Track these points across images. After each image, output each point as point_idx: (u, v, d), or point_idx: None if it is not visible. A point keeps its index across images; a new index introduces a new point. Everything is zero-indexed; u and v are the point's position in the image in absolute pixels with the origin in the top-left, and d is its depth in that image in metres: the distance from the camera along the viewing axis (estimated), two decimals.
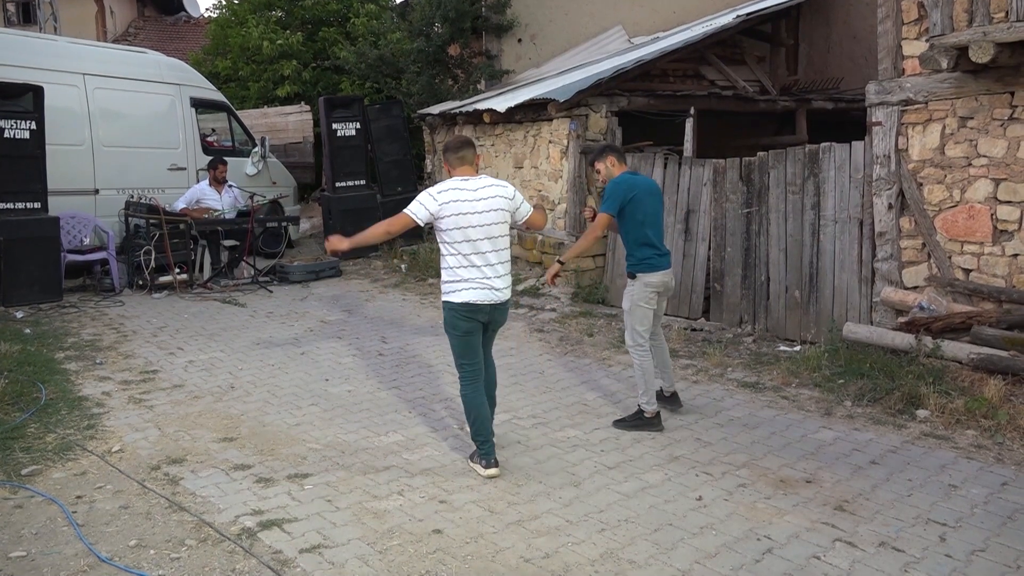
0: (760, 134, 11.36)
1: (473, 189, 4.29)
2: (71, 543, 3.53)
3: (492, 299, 4.30)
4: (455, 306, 4.29)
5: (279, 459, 4.47)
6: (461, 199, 4.25)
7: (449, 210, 4.22)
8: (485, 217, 4.27)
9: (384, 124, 12.07)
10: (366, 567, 3.34)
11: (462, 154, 4.38)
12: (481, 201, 4.27)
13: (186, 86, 11.00)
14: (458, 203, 4.23)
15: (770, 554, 3.44)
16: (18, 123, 8.34)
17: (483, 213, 4.26)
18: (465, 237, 4.24)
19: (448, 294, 4.32)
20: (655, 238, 4.99)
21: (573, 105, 8.74)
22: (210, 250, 9.73)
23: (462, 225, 4.23)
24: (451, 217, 4.22)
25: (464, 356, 4.38)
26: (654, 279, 4.96)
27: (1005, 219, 5.57)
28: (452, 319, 4.33)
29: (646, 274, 4.96)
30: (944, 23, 5.56)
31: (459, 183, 4.31)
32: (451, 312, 4.32)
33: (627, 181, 5.03)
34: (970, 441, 4.68)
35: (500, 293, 4.33)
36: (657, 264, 4.97)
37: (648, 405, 4.97)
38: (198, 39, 20.01)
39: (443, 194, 4.25)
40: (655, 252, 4.98)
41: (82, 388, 5.70)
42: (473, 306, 4.27)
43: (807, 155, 6.96)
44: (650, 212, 4.99)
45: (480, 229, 4.25)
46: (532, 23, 12.62)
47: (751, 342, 6.99)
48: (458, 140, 4.49)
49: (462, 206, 4.23)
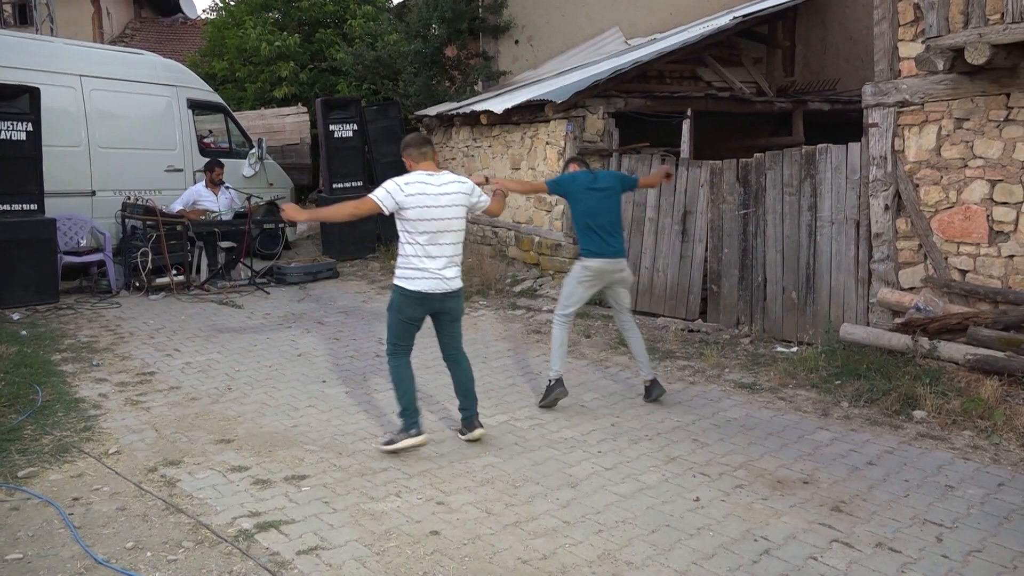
0: (757, 135, 11.38)
1: (437, 184, 4.49)
2: (68, 545, 3.52)
3: (443, 288, 4.53)
4: (407, 292, 4.49)
5: (276, 460, 4.47)
6: (426, 192, 4.43)
7: (414, 202, 4.40)
8: (446, 211, 4.48)
9: (381, 125, 12.08)
10: (363, 568, 3.33)
11: (424, 150, 4.57)
12: (444, 196, 4.48)
13: (183, 87, 10.99)
14: (423, 195, 4.42)
15: (767, 555, 3.44)
16: (14, 124, 8.32)
17: (445, 207, 4.47)
18: (426, 229, 4.43)
19: (401, 280, 4.51)
20: (597, 228, 5.35)
21: (570, 106, 8.74)
22: (207, 251, 9.73)
23: (424, 217, 4.42)
24: (415, 208, 4.40)
25: (400, 338, 4.60)
26: (592, 264, 5.35)
27: (1001, 220, 5.59)
28: (400, 303, 4.54)
29: (587, 259, 5.38)
30: (940, 24, 5.58)
31: (425, 177, 4.49)
32: (401, 297, 4.52)
33: (572, 175, 5.54)
34: (967, 442, 4.69)
35: (450, 283, 4.55)
36: (597, 251, 5.34)
37: (553, 370, 5.37)
38: (195, 40, 20.00)
39: (410, 186, 4.43)
40: (598, 240, 5.34)
41: (79, 390, 5.69)
42: (425, 295, 4.49)
43: (804, 156, 6.98)
44: (593, 208, 5.38)
45: (441, 222, 4.47)
46: (529, 24, 12.63)
47: (748, 343, 6.99)
48: (419, 137, 4.68)
49: (427, 199, 4.42)
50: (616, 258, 5.39)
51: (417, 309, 4.54)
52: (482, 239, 10.79)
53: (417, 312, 4.55)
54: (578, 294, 5.43)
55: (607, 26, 12.66)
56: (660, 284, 8.26)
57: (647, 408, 5.36)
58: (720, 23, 10.11)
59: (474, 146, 11.02)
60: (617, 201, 5.52)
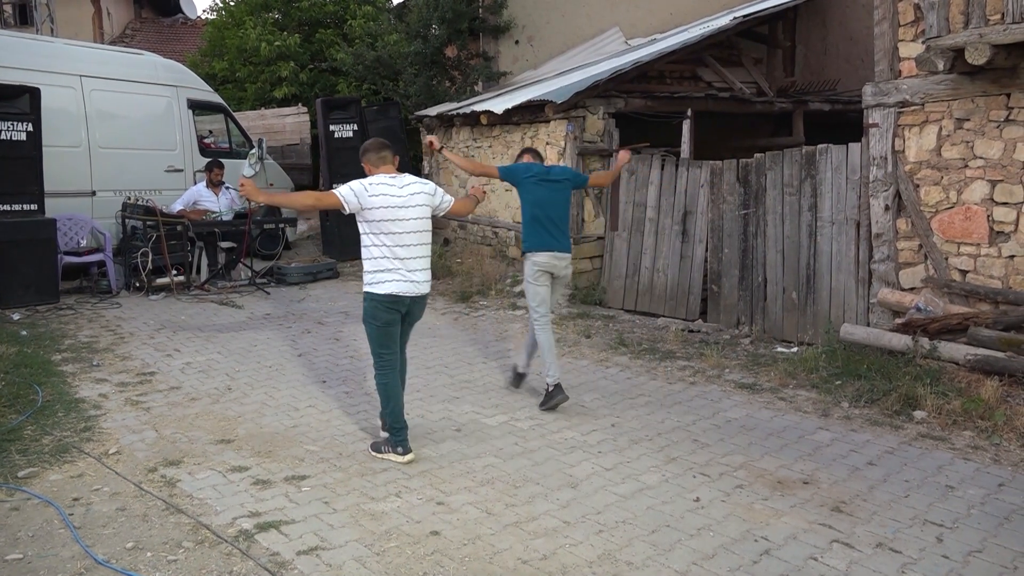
0: (757, 136, 11.38)
1: (400, 186, 4.51)
2: (68, 545, 3.52)
3: (413, 291, 4.50)
4: (379, 297, 4.46)
5: (276, 461, 4.46)
6: (390, 194, 4.44)
7: (378, 203, 4.40)
8: (411, 212, 4.48)
9: (381, 126, 12.07)
10: (363, 569, 3.33)
11: (383, 154, 4.60)
12: (408, 197, 4.50)
13: (183, 87, 10.99)
14: (387, 197, 4.43)
15: (767, 555, 3.44)
16: (14, 124, 8.33)
17: (409, 208, 4.48)
18: (391, 230, 4.44)
19: (371, 285, 4.48)
20: (545, 221, 5.39)
21: (570, 107, 8.74)
22: (207, 252, 9.73)
23: (388, 218, 4.42)
24: (379, 210, 4.40)
25: (383, 346, 4.56)
26: (539, 258, 5.38)
27: (1001, 220, 5.59)
28: (373, 310, 4.50)
29: (533, 253, 5.41)
30: (940, 25, 5.58)
31: (388, 179, 4.50)
32: (373, 303, 4.49)
33: (526, 165, 5.56)
34: (967, 442, 4.69)
35: (420, 286, 4.54)
36: (543, 245, 5.38)
37: (547, 377, 5.34)
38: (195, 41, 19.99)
39: (374, 187, 4.43)
40: (544, 232, 5.39)
41: (79, 390, 5.69)
42: (396, 297, 4.47)
43: (804, 157, 6.98)
44: (541, 199, 5.41)
45: (406, 223, 4.47)
46: (529, 25, 12.63)
47: (748, 343, 6.99)
48: (377, 142, 4.70)
49: (391, 200, 4.43)
50: (562, 252, 5.43)
51: (391, 312, 4.50)
52: (482, 239, 10.79)
53: (392, 316, 4.51)
54: (540, 292, 5.44)
55: (607, 26, 12.66)
56: (660, 284, 8.26)
57: (648, 408, 5.36)
58: (720, 23, 10.11)
59: (474, 146, 11.02)
60: (567, 196, 5.56)
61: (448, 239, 11.57)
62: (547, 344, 5.36)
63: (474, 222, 11.01)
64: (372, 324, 4.54)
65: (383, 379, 4.55)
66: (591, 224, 8.95)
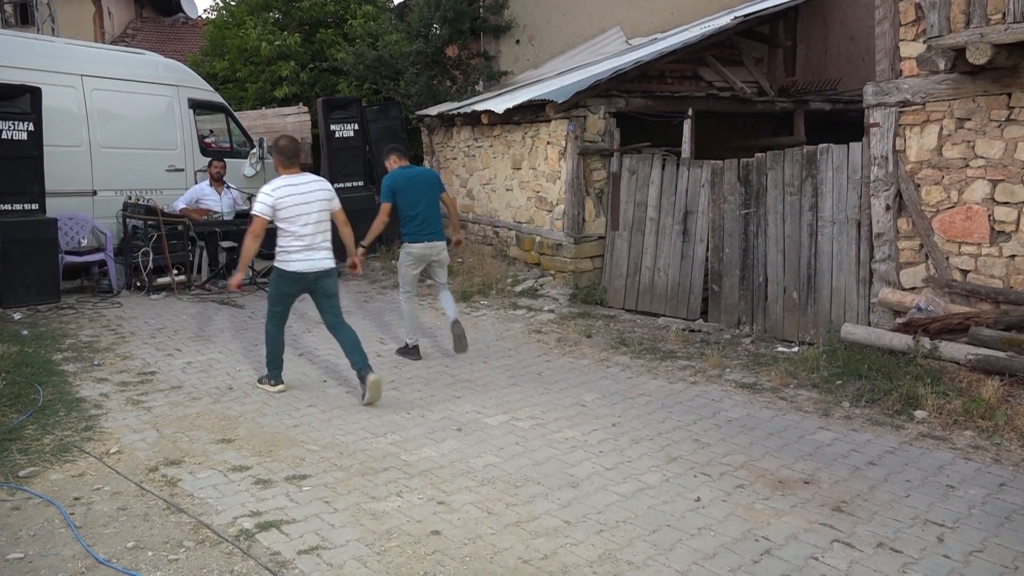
0: (758, 135, 11.38)
1: (300, 184, 5.50)
2: (69, 545, 3.52)
3: (315, 268, 5.51)
4: (286, 273, 5.52)
5: (277, 460, 4.47)
6: (293, 192, 5.43)
7: (284, 203, 5.39)
8: (311, 207, 5.46)
9: (382, 125, 12.07)
10: (364, 568, 3.33)
11: (292, 158, 5.56)
12: (308, 193, 5.48)
13: (184, 87, 10.99)
14: (291, 196, 5.42)
15: (768, 555, 3.44)
16: (16, 124, 8.32)
17: (309, 203, 5.46)
18: (296, 222, 5.40)
19: (281, 263, 5.52)
20: (420, 216, 6.37)
21: (571, 106, 8.74)
22: (208, 251, 9.73)
23: (294, 213, 5.40)
24: (286, 208, 5.39)
25: (277, 305, 5.68)
26: (415, 248, 6.43)
27: (1002, 220, 5.58)
28: (280, 280, 5.57)
29: (410, 244, 6.44)
30: (941, 24, 5.58)
31: (288, 180, 5.48)
32: (281, 276, 5.55)
33: (393, 175, 6.49)
34: (968, 442, 4.69)
35: (320, 263, 5.51)
36: (417, 237, 6.39)
37: (408, 338, 6.64)
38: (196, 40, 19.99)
39: (277, 191, 5.41)
40: (417, 226, 6.38)
41: (80, 389, 5.69)
42: (300, 274, 5.50)
43: (805, 156, 6.97)
44: (415, 196, 6.37)
45: (307, 216, 5.44)
46: (530, 24, 12.62)
47: (749, 343, 6.99)
48: (291, 146, 5.60)
49: (295, 199, 5.42)
50: (434, 242, 6.44)
51: (293, 286, 5.56)
52: (483, 239, 10.79)
53: (292, 288, 5.58)
54: (409, 276, 6.51)
55: (608, 26, 12.66)
56: (661, 284, 8.26)
57: (648, 408, 5.36)
58: (721, 23, 10.11)
59: (475, 146, 11.02)
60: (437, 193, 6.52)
61: (449, 239, 11.56)
62: (409, 313, 6.57)
63: (475, 222, 11.02)
64: (276, 290, 5.61)
65: (270, 328, 5.71)
66: (592, 224, 8.95)
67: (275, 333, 5.72)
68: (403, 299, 6.62)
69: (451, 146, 11.79)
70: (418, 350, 6.61)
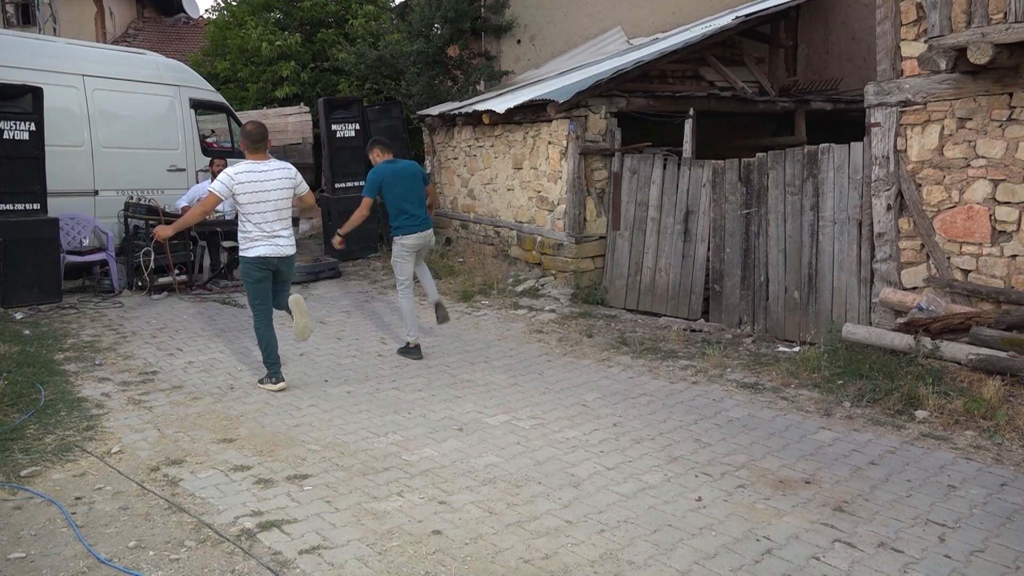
0: (759, 135, 11.37)
1: (263, 170, 5.57)
2: (70, 544, 3.53)
3: (278, 253, 5.63)
4: (250, 260, 5.59)
5: (278, 460, 4.47)
6: (255, 179, 5.50)
7: (244, 188, 5.46)
8: (270, 194, 5.55)
9: (383, 125, 12.08)
10: (365, 568, 3.34)
11: (257, 145, 5.63)
12: (270, 181, 5.56)
13: (185, 87, 11.01)
14: (252, 182, 5.49)
15: (769, 555, 3.44)
16: (17, 124, 8.33)
17: (271, 190, 5.56)
18: (257, 208, 5.50)
19: (245, 250, 5.60)
20: (409, 208, 6.50)
21: (572, 106, 8.74)
22: (209, 251, 9.74)
23: (255, 200, 5.50)
24: (247, 194, 5.48)
25: (257, 299, 5.69)
26: (408, 240, 6.54)
27: (1003, 220, 5.58)
28: (248, 270, 5.64)
29: (402, 236, 6.54)
30: (942, 24, 5.57)
31: (252, 166, 5.56)
32: (247, 264, 5.62)
33: (379, 170, 6.62)
34: (969, 442, 4.69)
35: (284, 248, 5.66)
36: (410, 229, 6.52)
37: (409, 337, 6.63)
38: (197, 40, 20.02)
39: (239, 175, 5.49)
40: (408, 219, 6.51)
41: (81, 389, 5.70)
42: (264, 259, 5.59)
43: (806, 156, 6.97)
44: (403, 189, 6.52)
45: (269, 203, 5.54)
46: (531, 24, 12.62)
47: (750, 343, 6.99)
48: (256, 131, 5.67)
49: (255, 185, 5.49)
50: (425, 230, 6.61)
51: (261, 271, 5.62)
52: (484, 239, 10.80)
53: (262, 273, 5.63)
54: (406, 269, 6.60)
55: (609, 26, 12.66)
56: (662, 284, 8.26)
57: (649, 408, 5.36)
58: (722, 23, 10.10)
59: (476, 146, 11.02)
60: (420, 184, 6.67)
61: (450, 238, 11.58)
62: (408, 309, 6.61)
63: (476, 221, 11.02)
64: (247, 281, 5.67)
65: (258, 326, 5.74)
66: (593, 223, 8.95)
67: (264, 330, 5.75)
68: (401, 295, 6.65)
69: (452, 146, 11.80)
70: (419, 349, 6.60)
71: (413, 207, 6.54)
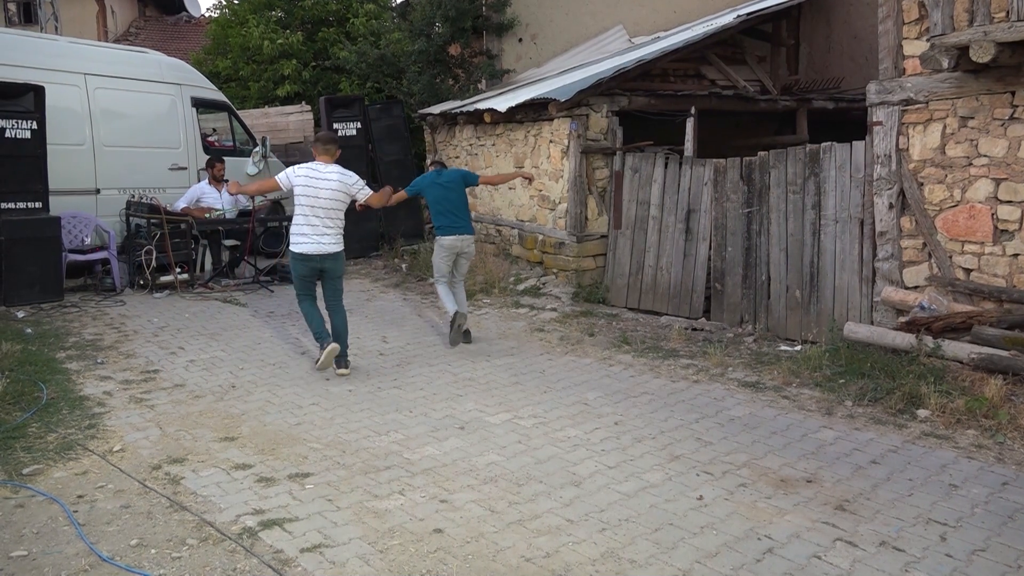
0: (761, 134, 11.36)
1: (322, 171, 5.96)
2: (72, 542, 3.53)
3: (321, 251, 5.95)
4: (295, 255, 5.98)
5: (280, 459, 4.47)
6: (312, 176, 5.91)
7: (299, 182, 5.89)
8: (321, 192, 5.90)
9: (385, 124, 12.07)
10: (367, 566, 3.34)
11: (326, 147, 6.08)
12: (325, 181, 5.92)
13: (187, 86, 11.00)
14: (308, 179, 5.89)
15: (771, 553, 3.44)
16: (19, 123, 8.34)
17: (324, 190, 5.90)
18: (306, 203, 5.88)
19: (292, 245, 5.98)
20: (447, 213, 6.93)
21: (574, 105, 8.74)
22: (211, 250, 9.74)
23: (306, 194, 5.88)
24: (300, 187, 5.88)
25: (301, 289, 6.15)
26: (446, 241, 6.94)
27: (1006, 219, 5.58)
28: (293, 264, 6.06)
29: (441, 237, 6.96)
30: (945, 23, 5.56)
31: (314, 166, 5.97)
32: (293, 258, 6.03)
33: (423, 178, 7.21)
34: (971, 441, 4.68)
35: (327, 247, 5.96)
36: (448, 231, 6.93)
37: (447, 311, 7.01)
38: (199, 39, 20.02)
39: (300, 169, 5.97)
40: (447, 223, 6.92)
41: (83, 388, 5.71)
42: (307, 255, 5.94)
43: (808, 155, 6.97)
44: (439, 197, 6.95)
45: (317, 199, 5.89)
46: (533, 23, 12.62)
47: (752, 342, 6.99)
48: (328, 136, 6.28)
49: (311, 182, 5.89)
50: (463, 234, 6.94)
51: (303, 267, 5.97)
52: (486, 237, 10.80)
53: (303, 270, 5.99)
54: (443, 267, 6.99)
55: (611, 24, 12.65)
56: (664, 283, 8.25)
57: (651, 407, 5.36)
58: (724, 21, 10.09)
59: (478, 144, 11.02)
60: (460, 191, 7.01)
61: None
62: (444, 292, 7.00)
63: (478, 220, 11.02)
64: (294, 273, 6.09)
65: (303, 307, 6.16)
66: (594, 222, 8.95)
67: (308, 309, 6.13)
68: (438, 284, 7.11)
69: (454, 145, 11.80)
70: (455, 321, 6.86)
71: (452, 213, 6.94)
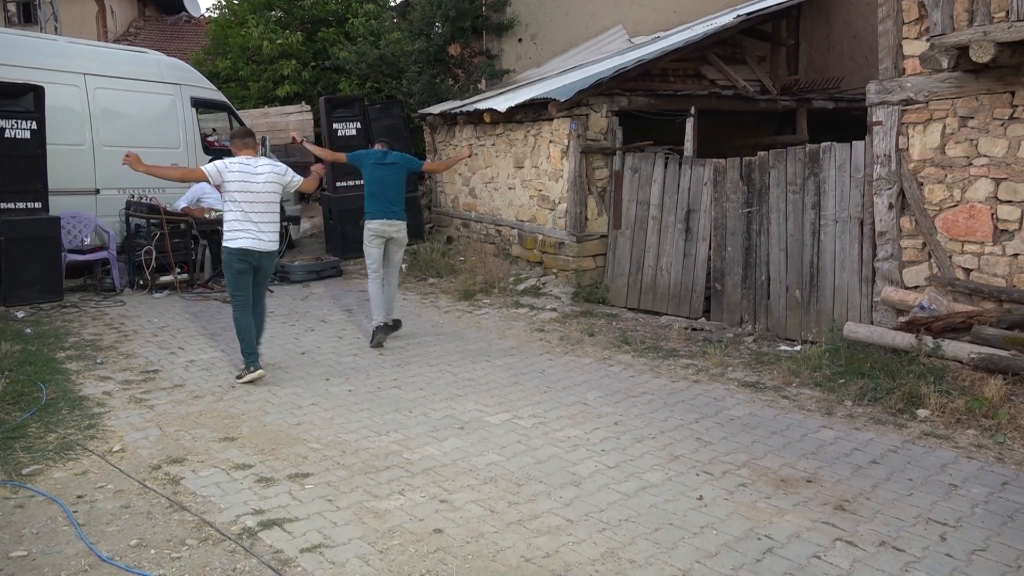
0: (761, 134, 11.36)
1: (254, 165, 5.83)
2: (72, 543, 3.53)
3: (260, 247, 5.80)
4: (232, 250, 5.77)
5: (280, 459, 4.47)
6: (245, 171, 5.77)
7: (233, 177, 5.73)
8: (259, 187, 5.78)
9: (385, 124, 12.07)
10: (367, 566, 3.34)
11: (245, 141, 5.97)
12: (258, 175, 5.80)
13: (187, 86, 11.00)
14: (242, 174, 5.75)
15: (771, 553, 3.44)
16: (19, 123, 8.34)
17: (258, 184, 5.78)
18: (240, 197, 5.73)
19: (228, 241, 5.79)
20: (379, 198, 6.86)
21: (574, 105, 8.74)
22: (211, 250, 9.74)
23: (242, 190, 5.73)
24: (234, 183, 5.73)
25: (237, 290, 5.86)
26: (372, 225, 6.86)
27: (1005, 219, 5.57)
28: (229, 260, 5.81)
29: (368, 220, 6.88)
30: (945, 23, 5.56)
31: (244, 160, 5.84)
32: (229, 255, 5.80)
33: (369, 152, 7.12)
34: (970, 441, 4.68)
35: (266, 244, 5.83)
36: (376, 215, 6.85)
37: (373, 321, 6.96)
38: (198, 39, 20.02)
39: (231, 165, 5.78)
40: (376, 206, 6.85)
41: (83, 388, 5.71)
42: (246, 251, 5.76)
43: (808, 155, 6.97)
44: (377, 178, 6.89)
45: (255, 195, 5.76)
46: (532, 22, 12.62)
47: (752, 342, 6.99)
48: (243, 131, 6.15)
49: (244, 176, 5.75)
50: (392, 219, 6.87)
51: (242, 263, 5.77)
52: (485, 237, 10.80)
53: (243, 265, 5.78)
54: (373, 253, 6.90)
55: (611, 24, 12.65)
56: (663, 282, 8.25)
57: (651, 407, 5.36)
58: (724, 21, 10.09)
59: (477, 144, 11.02)
60: (400, 176, 6.98)
61: (451, 237, 11.58)
62: (374, 293, 6.92)
63: (477, 220, 11.02)
64: (228, 272, 5.85)
65: (236, 316, 5.86)
66: (594, 222, 8.95)
67: (243, 320, 5.84)
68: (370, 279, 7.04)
69: (453, 144, 11.79)
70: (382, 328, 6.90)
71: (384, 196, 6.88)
